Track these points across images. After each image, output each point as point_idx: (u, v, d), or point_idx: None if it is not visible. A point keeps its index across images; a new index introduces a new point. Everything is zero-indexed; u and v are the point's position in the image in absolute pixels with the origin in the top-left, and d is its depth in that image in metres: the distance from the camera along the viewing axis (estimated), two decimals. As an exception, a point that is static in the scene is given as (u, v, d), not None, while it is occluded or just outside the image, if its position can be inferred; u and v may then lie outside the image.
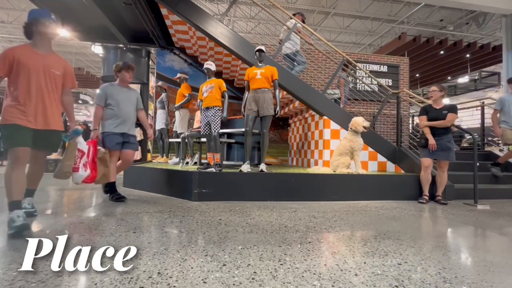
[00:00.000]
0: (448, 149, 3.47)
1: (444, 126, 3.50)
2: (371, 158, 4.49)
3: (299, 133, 6.04)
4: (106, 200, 3.14)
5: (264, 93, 3.67)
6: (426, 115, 3.63)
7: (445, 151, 3.47)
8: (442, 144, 3.47)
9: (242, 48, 4.46)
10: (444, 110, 3.52)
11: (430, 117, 3.59)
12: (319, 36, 4.76)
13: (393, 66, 6.57)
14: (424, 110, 3.69)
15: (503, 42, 8.14)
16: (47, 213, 2.49)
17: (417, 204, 3.40)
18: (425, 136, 3.57)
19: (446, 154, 3.48)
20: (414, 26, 11.55)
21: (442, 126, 3.50)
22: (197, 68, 7.19)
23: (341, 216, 2.63)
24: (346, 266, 1.44)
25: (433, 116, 3.57)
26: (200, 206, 2.91)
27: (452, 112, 3.48)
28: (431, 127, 3.56)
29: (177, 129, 5.15)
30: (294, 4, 10.60)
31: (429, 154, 3.54)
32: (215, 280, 1.24)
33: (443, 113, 3.51)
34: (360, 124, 3.89)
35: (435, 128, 3.54)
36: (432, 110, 3.61)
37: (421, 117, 3.68)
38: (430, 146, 3.49)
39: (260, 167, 3.63)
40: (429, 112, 3.62)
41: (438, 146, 3.47)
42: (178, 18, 5.05)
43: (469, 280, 1.31)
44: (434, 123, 3.53)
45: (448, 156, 3.48)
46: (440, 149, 3.48)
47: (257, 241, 1.81)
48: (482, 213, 3.00)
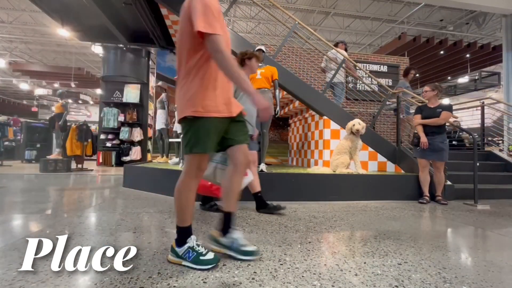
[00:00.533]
0: (440, 149, 3.46)
1: (437, 124, 3.50)
2: (371, 158, 4.48)
3: (299, 133, 6.04)
4: (106, 200, 3.15)
5: (264, 93, 3.67)
6: (420, 114, 3.64)
7: (438, 151, 3.47)
8: (434, 144, 3.47)
9: (242, 48, 4.45)
10: (438, 109, 3.52)
11: (424, 116, 3.60)
12: (319, 36, 4.76)
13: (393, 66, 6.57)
14: (419, 109, 3.70)
15: (503, 42, 8.14)
16: (47, 213, 2.49)
17: (417, 204, 3.40)
18: (417, 134, 3.58)
19: (439, 154, 3.47)
20: (414, 26, 11.54)
21: (435, 124, 3.50)
22: (197, 68, 7.18)
23: (341, 216, 2.63)
24: (346, 266, 1.44)
25: (427, 115, 3.57)
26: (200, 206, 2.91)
27: (446, 110, 3.48)
28: (425, 126, 3.57)
29: (177, 129, 5.15)
30: (294, 4, 10.60)
31: (422, 154, 3.55)
32: (215, 280, 1.24)
33: (437, 112, 3.51)
34: (349, 127, 3.89)
35: (428, 127, 3.54)
36: (427, 109, 3.62)
37: (415, 116, 3.69)
38: (422, 144, 3.49)
39: (260, 167, 3.63)
40: (423, 111, 3.63)
41: (430, 146, 3.47)
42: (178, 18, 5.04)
43: (469, 280, 1.31)
44: (427, 121, 3.53)
45: (441, 156, 3.47)
46: (432, 150, 3.48)
47: (257, 241, 1.81)
48: (482, 213, 3.00)
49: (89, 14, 6.16)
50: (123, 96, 8.68)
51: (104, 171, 6.97)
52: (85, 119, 16.23)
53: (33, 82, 17.88)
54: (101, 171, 6.96)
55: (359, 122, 3.91)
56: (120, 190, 3.88)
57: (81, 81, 16.19)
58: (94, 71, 16.93)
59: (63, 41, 12.68)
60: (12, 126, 10.68)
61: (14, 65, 15.01)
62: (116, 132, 8.55)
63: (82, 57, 15.72)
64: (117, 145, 8.56)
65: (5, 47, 14.44)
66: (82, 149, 7.04)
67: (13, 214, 2.46)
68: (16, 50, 14.85)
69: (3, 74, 17.57)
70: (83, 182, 4.87)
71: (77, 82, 15.95)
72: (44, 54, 15.68)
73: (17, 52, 15.16)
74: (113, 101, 8.64)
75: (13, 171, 6.54)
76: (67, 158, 6.66)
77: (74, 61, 15.12)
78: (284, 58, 5.73)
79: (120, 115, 8.50)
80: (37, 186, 4.20)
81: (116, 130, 8.54)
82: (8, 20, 11.65)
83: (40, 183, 4.54)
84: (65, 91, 7.21)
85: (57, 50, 14.98)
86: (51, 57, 16.09)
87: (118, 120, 8.47)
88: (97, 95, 18.09)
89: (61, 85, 16.99)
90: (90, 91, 20.11)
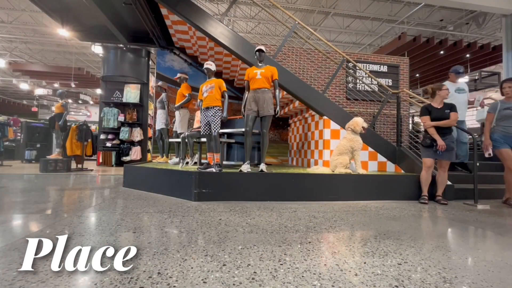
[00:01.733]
0: (451, 149, 3.46)
1: (450, 126, 3.49)
2: (371, 158, 4.49)
3: (299, 133, 6.04)
4: (106, 200, 3.15)
5: (264, 93, 3.67)
6: (429, 115, 3.56)
7: (449, 151, 3.45)
8: (446, 145, 3.44)
9: (242, 48, 4.46)
10: (446, 109, 3.50)
11: (433, 117, 3.52)
12: (319, 36, 4.76)
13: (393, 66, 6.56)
14: (426, 109, 3.60)
15: (503, 42, 8.14)
16: (47, 213, 2.49)
17: (417, 204, 3.40)
18: (430, 136, 3.50)
19: (450, 154, 3.46)
20: (414, 26, 11.55)
21: (447, 126, 3.48)
22: (197, 68, 7.19)
23: (341, 216, 2.63)
24: (346, 266, 1.44)
25: (437, 116, 3.51)
26: (200, 206, 2.91)
27: (454, 111, 3.48)
28: (436, 127, 3.50)
29: (177, 129, 5.15)
30: (294, 4, 10.60)
31: (433, 154, 3.50)
32: (215, 280, 1.24)
33: (445, 112, 3.48)
34: (360, 124, 3.89)
35: (439, 128, 3.49)
36: (435, 109, 3.55)
37: (425, 117, 3.59)
38: (440, 147, 3.41)
39: (260, 167, 3.63)
40: (431, 112, 3.55)
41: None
42: (178, 18, 5.05)
43: (469, 280, 1.31)
44: (440, 123, 3.48)
45: (452, 156, 3.48)
46: (445, 150, 3.44)
47: (257, 241, 1.81)
48: (482, 213, 3.00)
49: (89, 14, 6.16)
50: (123, 96, 8.67)
51: (104, 171, 6.97)
52: (85, 119, 16.24)
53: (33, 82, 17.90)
54: (101, 171, 6.96)
55: (363, 121, 3.92)
56: (120, 190, 3.88)
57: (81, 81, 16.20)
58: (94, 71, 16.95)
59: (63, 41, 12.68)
60: (12, 126, 10.68)
61: (14, 65, 15.03)
62: (116, 132, 8.55)
63: (82, 57, 15.73)
64: (117, 145, 8.56)
65: (5, 47, 14.44)
66: (82, 149, 7.04)
67: (13, 214, 2.46)
68: (16, 50, 14.86)
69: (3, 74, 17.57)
70: (83, 182, 4.87)
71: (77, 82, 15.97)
72: (44, 54, 15.68)
73: (17, 52, 15.17)
74: (113, 101, 8.64)
75: (13, 171, 6.55)
76: (67, 158, 6.66)
77: (74, 61, 15.13)
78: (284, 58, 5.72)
79: (120, 115, 8.51)
80: (37, 186, 4.19)
81: (116, 130, 8.54)
82: (8, 20, 11.65)
83: (40, 183, 4.54)
84: (65, 91, 7.20)
85: (57, 50, 14.98)
86: (51, 57, 16.10)
87: (118, 120, 8.47)
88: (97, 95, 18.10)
89: (61, 85, 17.00)
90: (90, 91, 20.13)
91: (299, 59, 5.88)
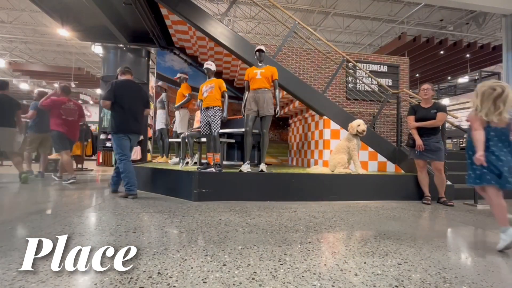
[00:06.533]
0: (437, 149, 3.40)
1: (435, 126, 3.43)
2: (371, 158, 4.49)
3: (299, 133, 6.04)
4: (106, 200, 3.15)
5: (264, 93, 3.67)
6: (414, 115, 3.53)
7: (434, 151, 3.40)
8: (430, 145, 3.40)
9: (242, 48, 4.46)
10: (433, 110, 3.43)
11: (418, 117, 3.50)
12: (319, 36, 4.76)
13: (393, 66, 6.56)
14: (412, 109, 3.58)
15: (503, 42, 8.14)
16: (47, 213, 2.49)
17: (416, 204, 3.40)
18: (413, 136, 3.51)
19: (436, 154, 3.40)
20: (414, 26, 11.55)
21: (432, 126, 3.42)
22: (197, 68, 7.18)
23: (341, 216, 2.63)
24: (346, 266, 1.44)
25: (421, 116, 3.48)
26: (200, 206, 2.91)
27: (442, 111, 3.41)
28: (419, 127, 3.47)
29: (177, 129, 5.15)
30: (294, 4, 10.60)
31: (418, 155, 3.48)
32: (215, 280, 1.24)
33: (431, 113, 3.42)
34: (354, 128, 3.88)
35: (423, 128, 3.45)
36: (421, 109, 3.51)
37: (410, 117, 3.57)
38: (417, 146, 3.42)
39: (260, 167, 3.63)
40: (417, 112, 3.52)
41: (427, 146, 3.41)
42: (178, 18, 5.05)
43: (469, 280, 1.31)
44: (425, 123, 3.43)
45: (439, 156, 3.40)
46: (429, 150, 3.41)
47: (257, 241, 1.81)
48: (482, 213, 3.00)
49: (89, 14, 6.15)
50: (123, 96, 8.65)
51: (104, 171, 6.97)
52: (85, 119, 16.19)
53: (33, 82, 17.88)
54: (101, 171, 6.96)
55: (359, 124, 3.91)
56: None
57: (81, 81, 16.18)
58: (94, 71, 16.94)
59: (63, 41, 12.68)
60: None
61: (14, 65, 15.01)
62: (116, 132, 8.53)
63: (82, 57, 15.72)
64: (117, 145, 8.54)
65: (5, 47, 14.44)
66: (82, 149, 7.04)
67: (13, 214, 2.46)
68: (16, 50, 14.85)
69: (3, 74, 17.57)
70: (83, 182, 4.87)
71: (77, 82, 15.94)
72: (44, 54, 15.68)
73: (17, 52, 15.16)
74: (113, 101, 8.61)
75: (13, 171, 6.54)
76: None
77: (74, 61, 15.12)
78: (284, 58, 5.72)
79: (120, 115, 8.48)
80: (37, 186, 4.20)
81: (116, 130, 8.52)
82: (8, 20, 11.65)
83: (40, 183, 4.54)
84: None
85: (57, 50, 14.98)
86: (51, 57, 16.09)
87: (118, 120, 8.45)
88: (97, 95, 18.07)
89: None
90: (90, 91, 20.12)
91: (299, 59, 5.88)
